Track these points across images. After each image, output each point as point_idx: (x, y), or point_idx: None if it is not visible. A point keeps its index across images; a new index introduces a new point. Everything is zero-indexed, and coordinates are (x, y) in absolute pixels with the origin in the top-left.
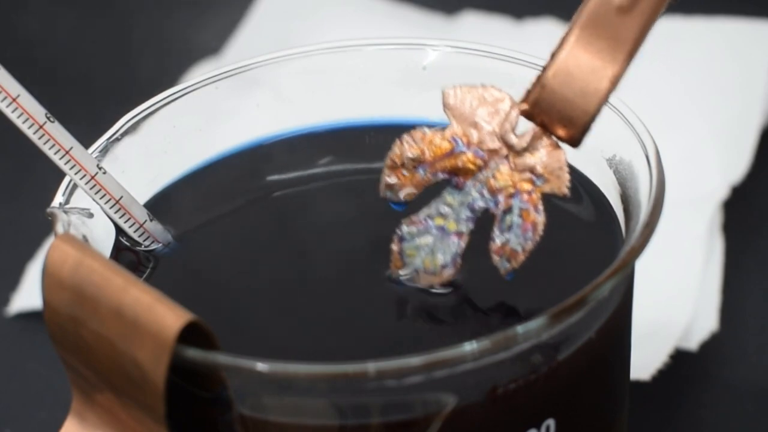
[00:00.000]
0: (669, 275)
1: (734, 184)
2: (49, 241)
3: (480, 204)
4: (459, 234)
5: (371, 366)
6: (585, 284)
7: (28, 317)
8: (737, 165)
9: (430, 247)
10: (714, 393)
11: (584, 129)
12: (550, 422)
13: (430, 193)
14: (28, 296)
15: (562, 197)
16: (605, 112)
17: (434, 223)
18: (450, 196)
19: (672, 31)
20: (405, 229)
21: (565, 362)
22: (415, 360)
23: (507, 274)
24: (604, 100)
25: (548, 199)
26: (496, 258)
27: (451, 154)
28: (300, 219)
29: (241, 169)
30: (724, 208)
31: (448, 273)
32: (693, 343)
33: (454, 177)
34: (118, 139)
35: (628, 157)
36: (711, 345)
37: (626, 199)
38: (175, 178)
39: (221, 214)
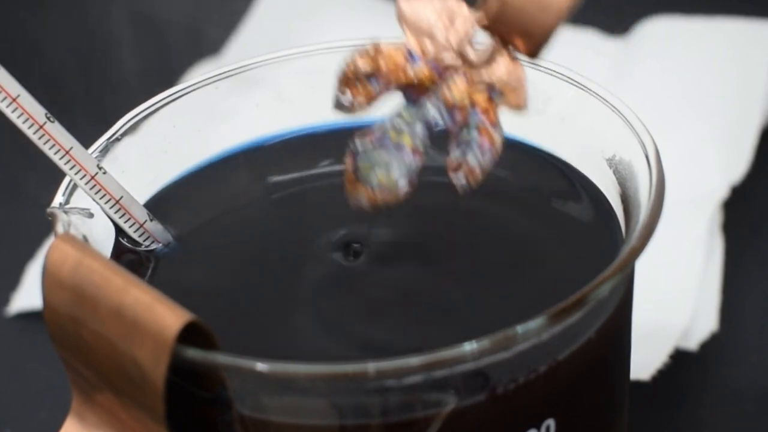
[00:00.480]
0: (669, 275)
1: (734, 184)
2: (49, 241)
3: (436, 118)
4: (415, 150)
5: (371, 366)
6: (585, 284)
7: (28, 317)
8: (737, 165)
9: (385, 163)
10: (714, 393)
11: (543, 43)
12: (550, 422)
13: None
14: (28, 296)
15: (519, 111)
16: (606, 112)
17: (389, 138)
18: (405, 111)
19: (672, 31)
20: (359, 143)
21: (565, 362)
22: (415, 360)
23: (464, 192)
24: (565, 13)
25: (548, 199)
26: (452, 175)
27: (406, 66)
28: (300, 219)
29: (241, 169)
30: (724, 208)
31: (404, 190)
32: (693, 343)
33: (409, 92)
34: (118, 139)
35: (628, 157)
36: (711, 345)
37: (626, 199)
38: (175, 178)
39: (221, 214)
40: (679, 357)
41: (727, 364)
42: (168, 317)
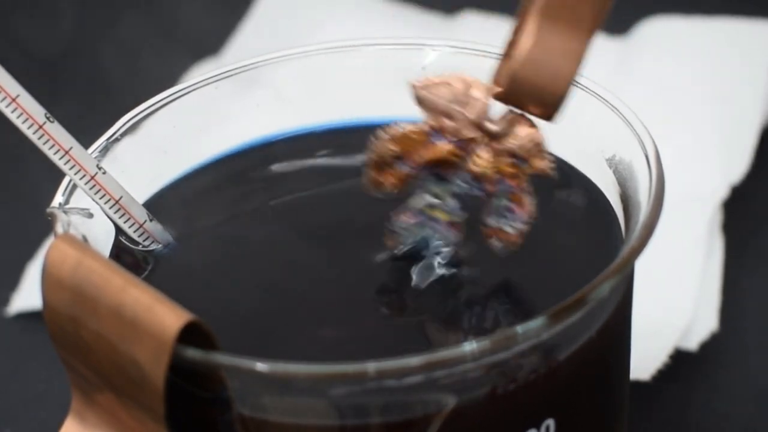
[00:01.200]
0: (669, 275)
1: (734, 184)
2: (49, 241)
3: (465, 191)
4: (452, 224)
5: (371, 366)
6: (585, 284)
7: (28, 317)
8: (737, 165)
9: (426, 238)
10: (714, 393)
11: (557, 108)
12: (550, 422)
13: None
14: (28, 296)
15: (549, 178)
16: (606, 112)
17: (426, 215)
18: (434, 186)
19: (672, 31)
20: (397, 223)
21: (565, 362)
22: (415, 360)
23: (503, 253)
24: (573, 78)
25: (548, 199)
26: (490, 242)
27: (429, 145)
28: (299, 219)
29: (241, 169)
30: (724, 208)
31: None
32: (693, 343)
33: (438, 169)
34: (117, 139)
35: (628, 157)
36: (711, 345)
37: (626, 199)
38: (175, 178)
39: (221, 214)
40: (679, 357)
41: (727, 364)
42: (168, 317)
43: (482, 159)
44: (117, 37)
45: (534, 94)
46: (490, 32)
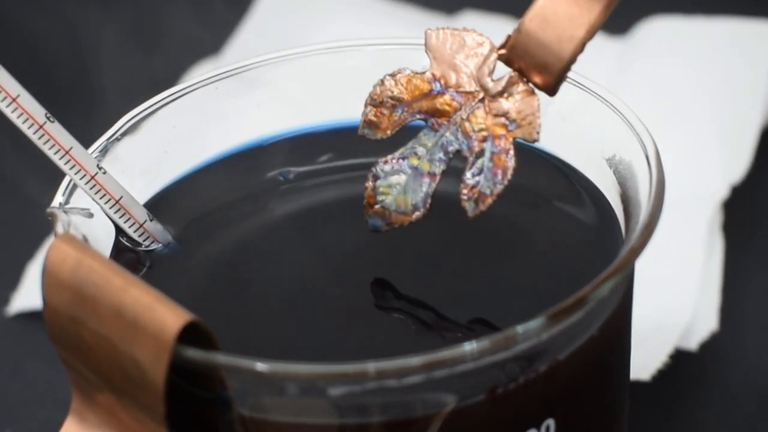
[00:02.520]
0: (669, 275)
1: (734, 184)
2: (49, 241)
3: (453, 146)
4: (431, 175)
5: (371, 366)
6: (585, 284)
7: (28, 317)
8: (737, 165)
9: (402, 186)
10: (714, 393)
11: (559, 76)
12: (550, 422)
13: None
14: (28, 296)
15: (532, 143)
16: (606, 112)
17: (408, 163)
18: (425, 137)
19: (672, 31)
20: (380, 167)
21: (565, 362)
22: (415, 360)
23: (473, 215)
24: (580, 47)
25: (548, 199)
26: (464, 200)
27: (429, 95)
28: (300, 219)
29: (241, 169)
30: (724, 208)
31: (418, 213)
32: (693, 343)
33: (431, 118)
34: (118, 139)
35: (628, 157)
36: (711, 345)
37: (626, 199)
38: (175, 178)
39: (221, 214)
40: (679, 357)
41: (727, 364)
42: (168, 317)
43: (476, 116)
44: (117, 37)
45: (536, 52)
46: (490, 32)
